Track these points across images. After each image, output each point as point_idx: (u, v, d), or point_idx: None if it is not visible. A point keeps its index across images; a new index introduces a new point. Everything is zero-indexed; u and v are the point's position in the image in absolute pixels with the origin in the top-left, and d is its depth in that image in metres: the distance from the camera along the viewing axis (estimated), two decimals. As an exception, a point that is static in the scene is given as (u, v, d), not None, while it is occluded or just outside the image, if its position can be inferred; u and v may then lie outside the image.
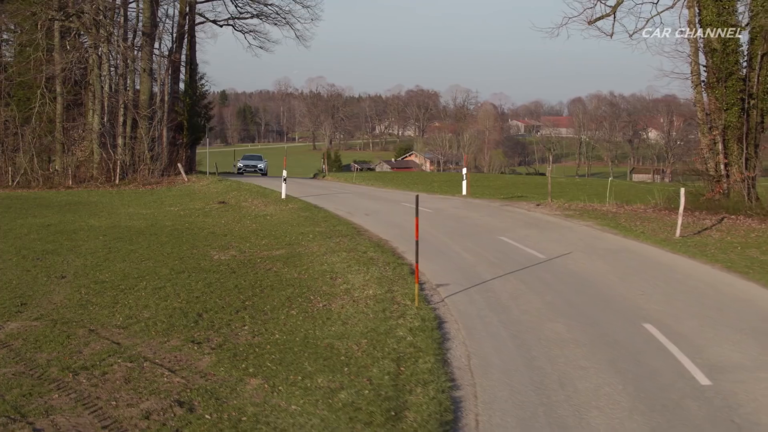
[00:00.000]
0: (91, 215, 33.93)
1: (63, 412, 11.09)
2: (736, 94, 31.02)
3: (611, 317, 16.08)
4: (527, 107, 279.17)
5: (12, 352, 13.96)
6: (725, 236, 25.80)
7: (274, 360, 13.32)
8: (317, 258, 22.63)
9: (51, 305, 17.39)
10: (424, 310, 16.23)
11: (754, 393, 11.80)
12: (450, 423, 10.72)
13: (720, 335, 14.79)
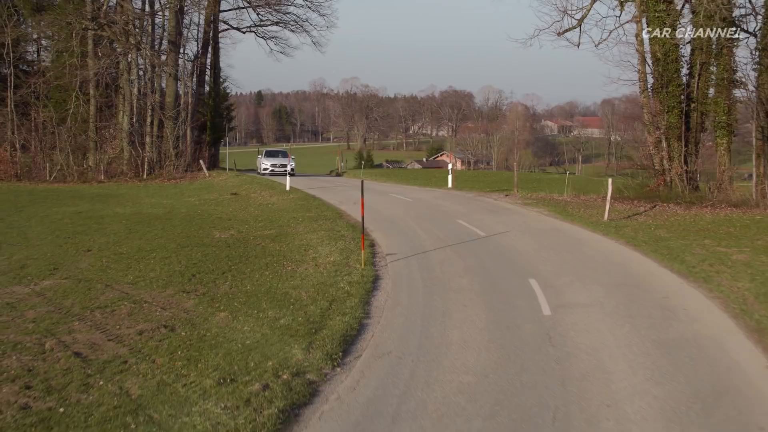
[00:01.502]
0: (118, 204, 38.44)
1: (81, 332, 15.49)
2: (677, 98, 35.14)
3: (508, 275, 20.48)
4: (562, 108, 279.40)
5: (45, 298, 18.38)
6: (647, 220, 29.91)
7: (240, 302, 17.73)
8: (299, 236, 27.08)
9: (77, 269, 21.82)
10: (368, 270, 20.68)
11: (575, 319, 16.18)
12: (352, 336, 15.15)
13: (582, 287, 19.16)
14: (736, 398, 11.94)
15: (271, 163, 58.86)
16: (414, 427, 10.93)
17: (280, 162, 58.75)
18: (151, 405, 11.52)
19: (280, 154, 62.19)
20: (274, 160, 59.36)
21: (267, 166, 58.54)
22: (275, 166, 58.42)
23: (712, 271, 20.32)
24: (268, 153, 62.66)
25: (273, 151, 63.98)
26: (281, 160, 59.29)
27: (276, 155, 61.48)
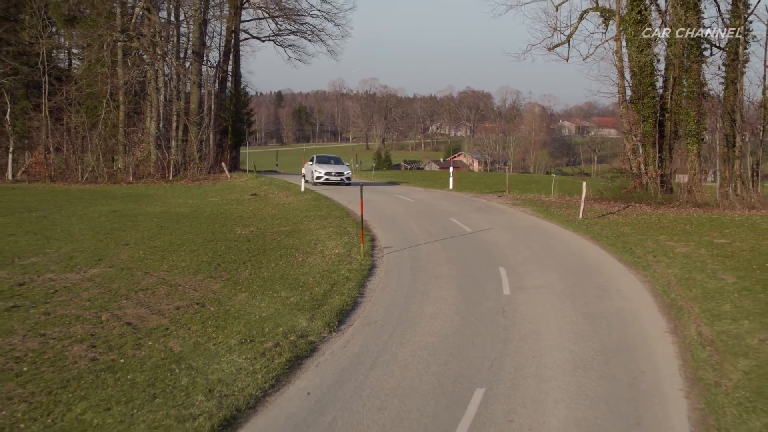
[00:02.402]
0: (148, 204, 42.24)
1: (129, 308, 19.30)
2: (651, 109, 38.81)
3: (483, 264, 24.28)
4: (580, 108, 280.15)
5: (95, 283, 22.18)
6: (618, 218, 33.53)
7: (258, 285, 21.54)
8: (310, 232, 30.89)
9: (119, 260, 25.61)
10: (366, 260, 24.53)
11: (528, 297, 20.00)
12: (347, 310, 19.00)
13: (541, 273, 23.02)
14: (632, 353, 15.68)
15: (326, 171, 50.69)
16: (386, 371, 14.72)
17: (335, 170, 50.98)
18: (189, 357, 15.31)
19: (332, 160, 54.17)
20: (329, 168, 51.20)
21: (321, 174, 50.45)
22: (330, 174, 50.55)
23: (653, 261, 24.05)
24: (320, 159, 53.63)
25: (325, 157, 54.77)
26: (336, 167, 51.69)
27: (329, 161, 53.34)
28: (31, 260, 25.07)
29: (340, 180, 50.29)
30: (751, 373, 13.93)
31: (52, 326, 17.41)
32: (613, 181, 42.32)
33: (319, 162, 52.68)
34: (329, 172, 50.61)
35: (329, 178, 50.39)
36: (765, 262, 22.67)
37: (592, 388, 13.77)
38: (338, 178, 50.48)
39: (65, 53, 71.46)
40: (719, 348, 15.54)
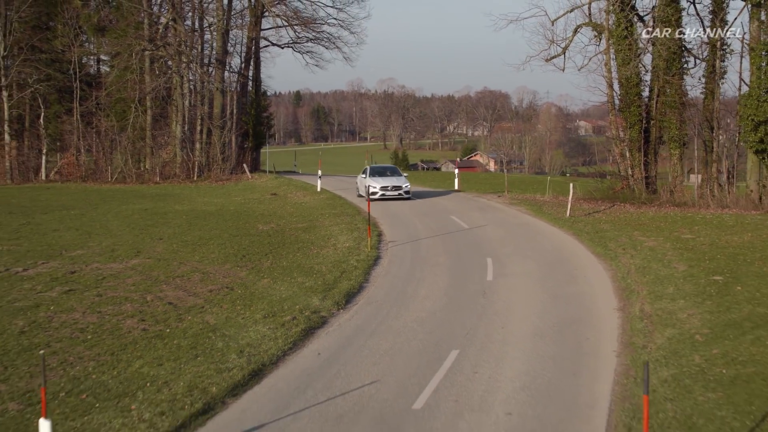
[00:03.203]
0: (176, 203, 45.84)
1: (169, 291, 22.87)
2: (637, 117, 42.21)
3: (474, 255, 27.81)
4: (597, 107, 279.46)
5: (137, 271, 25.74)
6: (601, 216, 36.87)
7: (278, 273, 25.10)
8: (324, 228, 34.44)
9: (155, 252, 29.16)
10: (372, 252, 28.10)
11: (507, 282, 23.54)
12: (354, 293, 22.57)
13: (522, 263, 26.64)
14: (583, 325, 19.18)
15: (382, 185, 44.67)
16: (382, 338, 18.29)
17: (392, 183, 45.02)
18: (223, 328, 18.87)
19: (388, 171, 48.22)
20: (385, 181, 45.24)
21: (376, 189, 44.23)
22: (387, 189, 44.70)
23: (621, 253, 27.47)
24: (375, 171, 47.80)
25: (380, 168, 49.36)
26: (393, 179, 45.61)
27: (384, 173, 47.28)
28: (77, 252, 28.61)
29: (398, 194, 44.35)
30: (672, 339, 17.37)
31: (106, 305, 20.97)
32: (602, 182, 45.75)
33: (374, 174, 46.22)
34: (385, 186, 44.48)
35: (385, 193, 44.27)
36: (717, 254, 26.06)
37: (544, 349, 17.27)
38: (395, 193, 44.47)
39: (94, 60, 75.29)
40: (654, 321, 19.00)
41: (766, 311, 18.53)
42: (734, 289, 20.92)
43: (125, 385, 15.09)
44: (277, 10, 68.22)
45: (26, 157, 65.83)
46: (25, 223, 36.21)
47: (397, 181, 45.38)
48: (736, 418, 12.80)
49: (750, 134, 37.43)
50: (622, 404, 14.09)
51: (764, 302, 19.34)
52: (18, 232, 33.21)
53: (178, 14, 62.61)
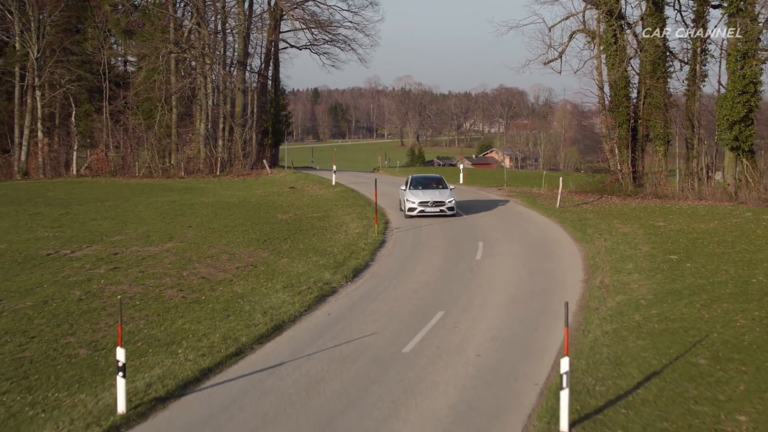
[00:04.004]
0: (201, 195, 49.55)
1: (201, 268, 26.59)
2: (625, 116, 45.77)
3: (467, 239, 31.46)
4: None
5: (171, 253, 29.44)
6: (588, 207, 40.37)
7: (296, 254, 28.79)
8: (337, 217, 38.13)
9: (186, 238, 32.86)
10: (379, 237, 31.78)
11: (492, 261, 27.24)
12: (360, 269, 26.31)
13: (508, 245, 30.34)
14: (551, 293, 22.81)
15: (421, 200, 37.89)
16: (382, 303, 21.97)
17: (433, 198, 38.04)
18: (249, 296, 22.55)
19: (433, 182, 40.49)
20: (425, 195, 38.41)
21: (414, 204, 37.79)
22: (426, 204, 37.82)
23: (597, 237, 31.07)
24: (417, 181, 40.49)
25: (423, 179, 41.03)
26: (436, 193, 38.58)
27: (427, 185, 40.03)
28: (116, 238, 32.34)
29: (440, 211, 37.45)
30: (621, 303, 20.98)
31: (148, 279, 24.70)
32: (593, 176, 49.31)
33: (415, 185, 39.54)
34: (425, 202, 37.66)
35: (425, 210, 37.55)
36: (681, 238, 29.60)
37: (514, 311, 20.92)
38: (437, 209, 37.48)
39: (122, 62, 79.28)
40: (609, 290, 22.62)
41: (704, 282, 22.09)
42: (684, 265, 24.52)
43: (171, 336, 18.78)
44: (295, 14, 71.81)
45: (57, 153, 69.82)
46: (64, 213, 39.85)
47: (440, 195, 38.08)
48: (655, 358, 16.34)
49: (726, 132, 40.93)
50: (570, 348, 17.72)
51: (705, 275, 22.94)
52: (59, 221, 36.85)
53: (202, 18, 66.40)
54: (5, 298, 22.07)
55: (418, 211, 37.70)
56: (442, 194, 38.32)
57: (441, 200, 37.84)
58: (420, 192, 38.68)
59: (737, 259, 25.21)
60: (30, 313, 20.59)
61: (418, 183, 40.04)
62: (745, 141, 40.74)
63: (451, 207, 37.88)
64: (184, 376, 16.14)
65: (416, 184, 39.86)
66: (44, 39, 67.14)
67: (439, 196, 38.15)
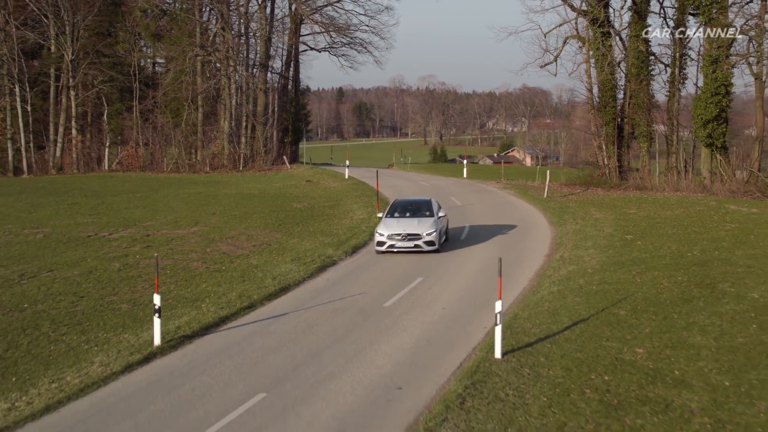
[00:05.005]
0: (224, 188, 53.74)
1: (222, 246, 30.75)
2: (612, 115, 49.70)
3: (456, 223, 35.62)
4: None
5: (197, 235, 33.62)
6: (573, 197, 44.26)
7: (306, 235, 32.96)
8: (346, 205, 42.29)
9: (210, 223, 37.02)
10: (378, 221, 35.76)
11: (476, 239, 31.04)
12: (359, 247, 30.61)
13: (489, 223, 34.09)
14: (518, 265, 26.86)
15: (391, 233, 30.00)
16: (372, 272, 26.12)
17: (407, 230, 29.95)
18: (262, 266, 26.72)
19: (418, 208, 32.13)
20: (399, 226, 30.42)
21: (383, 238, 29.96)
22: (397, 238, 29.84)
23: (570, 221, 35.07)
24: (397, 207, 32.70)
25: (405, 204, 32.99)
26: (413, 224, 30.45)
27: (409, 211, 32.01)
28: (147, 223, 36.51)
29: (414, 246, 29.56)
30: (571, 271, 25.01)
31: (176, 254, 28.90)
32: (583, 171, 53.29)
33: (393, 213, 32.12)
34: (395, 235, 29.81)
35: (395, 245, 29.71)
36: (643, 223, 33.57)
37: (482, 278, 25.01)
38: (410, 244, 29.60)
39: (151, 63, 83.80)
40: (565, 261, 26.66)
41: (647, 256, 26.11)
42: (635, 243, 28.56)
43: (196, 295, 22.99)
44: (314, 18, 76.01)
45: (90, 150, 74.21)
46: (99, 203, 44.04)
47: (418, 226, 30.07)
48: (585, 310, 20.35)
49: (700, 130, 44.72)
50: (517, 302, 21.83)
51: (649, 251, 26.97)
52: (96, 210, 41.05)
53: (226, 23, 70.74)
54: (56, 269, 26.25)
55: (386, 246, 29.61)
56: (422, 225, 30.03)
57: (416, 233, 29.55)
58: (394, 222, 30.64)
59: (684, 238, 29.20)
60: (78, 280, 24.80)
61: (398, 209, 32.18)
62: (718, 138, 44.52)
63: (430, 241, 29.47)
64: (206, 322, 20.36)
65: (396, 210, 32.14)
66: (78, 42, 71.18)
67: (416, 227, 29.90)
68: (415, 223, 30.45)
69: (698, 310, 19.63)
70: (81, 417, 14.54)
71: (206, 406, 14.85)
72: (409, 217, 31.33)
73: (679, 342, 17.36)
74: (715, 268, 23.77)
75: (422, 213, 31.40)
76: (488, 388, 15.25)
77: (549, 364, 16.45)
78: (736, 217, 34.15)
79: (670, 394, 14.48)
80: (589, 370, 15.88)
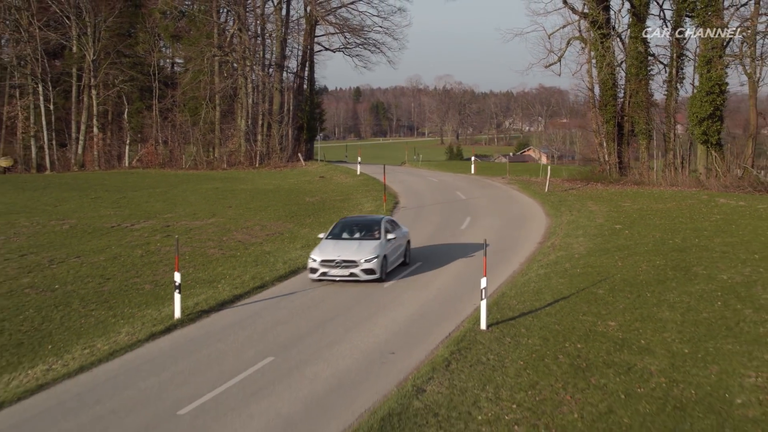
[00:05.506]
0: (240, 183, 55.81)
1: (238, 235, 32.84)
2: (612, 114, 51.55)
3: (460, 214, 37.58)
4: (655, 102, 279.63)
5: (214, 225, 35.66)
6: (573, 192, 46.14)
7: (316, 225, 34.97)
8: (356, 199, 44.32)
9: (226, 215, 39.08)
10: (386, 213, 37.86)
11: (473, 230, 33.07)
12: None
13: (492, 219, 36.37)
14: (511, 250, 28.82)
15: (324, 258, 24.89)
16: (377, 257, 28.12)
17: (343, 256, 24.87)
18: (274, 252, 28.80)
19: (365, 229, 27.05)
20: (336, 250, 25.32)
21: (315, 264, 24.88)
22: (330, 264, 24.77)
23: (566, 213, 37.00)
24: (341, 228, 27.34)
25: (351, 224, 27.62)
26: (352, 247, 25.42)
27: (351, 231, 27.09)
28: (167, 215, 38.59)
29: (350, 275, 24.64)
30: (559, 256, 26.97)
31: (195, 242, 31.00)
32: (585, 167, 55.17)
33: (335, 234, 26.90)
34: (328, 261, 24.77)
35: (327, 272, 24.75)
36: (634, 214, 35.50)
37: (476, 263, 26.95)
38: (345, 272, 24.68)
39: (170, 63, 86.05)
40: (555, 248, 28.63)
41: (631, 243, 28.08)
42: (623, 232, 30.51)
43: (213, 277, 25.09)
44: (329, 19, 77.97)
45: (110, 147, 76.43)
46: (121, 197, 46.16)
47: (357, 250, 25.04)
48: (567, 290, 22.32)
49: (696, 128, 46.60)
50: (507, 283, 23.83)
51: (634, 239, 28.94)
52: (118, 203, 43.18)
53: (243, 24, 72.88)
54: (83, 255, 28.38)
55: (319, 274, 24.68)
56: (361, 250, 25.04)
57: (354, 259, 24.62)
58: (331, 245, 25.60)
59: (668, 228, 31.14)
60: (104, 264, 26.94)
61: (342, 229, 27.13)
62: (712, 135, 46.39)
63: (369, 269, 24.50)
64: (222, 299, 22.47)
65: (339, 230, 27.07)
66: (99, 43, 73.34)
67: (354, 252, 24.95)
68: (354, 246, 25.20)
69: (670, 289, 21.55)
70: (111, 375, 16.60)
71: (221, 366, 16.90)
72: (350, 239, 26.15)
73: (648, 316, 19.27)
74: (692, 254, 25.69)
75: (369, 234, 26.29)
76: (472, 353, 17.21)
77: (528, 334, 18.40)
78: (723, 209, 36.00)
79: (634, 359, 16.37)
80: (564, 340, 17.81)
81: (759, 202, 38.04)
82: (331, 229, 27.09)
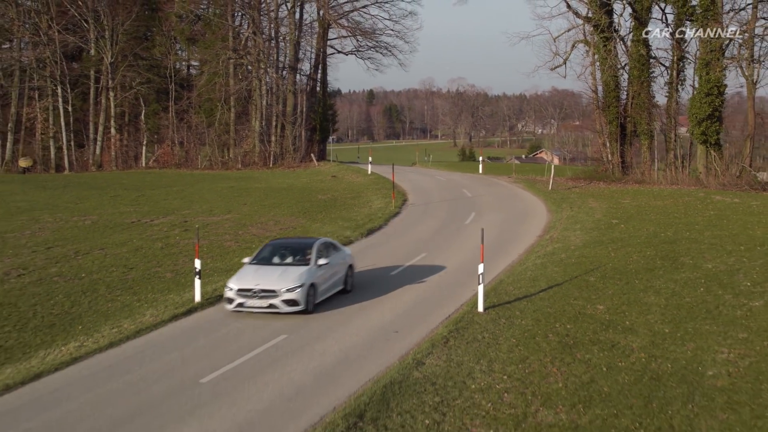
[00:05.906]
0: (255, 183, 57.39)
1: (253, 230, 34.48)
2: (615, 115, 53.02)
3: (465, 210, 39.17)
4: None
5: (230, 221, 37.25)
6: (576, 190, 47.62)
7: (327, 220, 36.60)
8: (366, 196, 45.91)
9: (241, 211, 40.64)
10: (395, 210, 39.55)
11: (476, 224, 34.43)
12: (374, 230, 34.18)
13: (495, 215, 37.83)
14: (512, 243, 30.36)
15: (241, 287, 21.44)
16: (384, 249, 29.73)
17: (262, 284, 21.31)
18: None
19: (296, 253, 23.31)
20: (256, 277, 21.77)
21: (231, 294, 21.42)
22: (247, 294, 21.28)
23: (567, 209, 38.51)
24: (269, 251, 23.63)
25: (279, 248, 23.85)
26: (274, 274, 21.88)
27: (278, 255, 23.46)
28: (185, 212, 40.22)
29: (269, 306, 21.09)
30: (556, 248, 28.52)
31: (212, 236, 32.63)
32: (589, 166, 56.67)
33: (259, 258, 23.36)
34: (245, 290, 21.34)
35: (244, 303, 21.31)
36: (631, 210, 37.02)
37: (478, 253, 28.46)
38: (263, 303, 21.18)
39: (186, 66, 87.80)
40: (553, 240, 30.18)
41: (625, 236, 29.63)
42: (619, 227, 32.04)
43: (229, 267, 26.71)
44: (341, 23, 79.61)
45: (128, 148, 78.14)
46: (139, 195, 47.77)
47: (279, 278, 21.57)
48: (561, 277, 23.87)
49: (695, 128, 48.07)
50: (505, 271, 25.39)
51: (629, 232, 30.48)
52: (137, 201, 44.79)
53: (258, 27, 74.58)
54: (106, 248, 30.03)
55: (235, 305, 21.35)
56: (284, 277, 21.59)
57: (273, 288, 21.19)
58: (252, 271, 22.27)
59: (662, 222, 32.67)
60: (126, 255, 28.59)
61: (270, 254, 23.50)
62: (711, 135, 47.87)
63: (291, 300, 21.08)
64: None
65: (265, 254, 23.53)
66: (117, 45, 74.99)
67: (276, 280, 21.51)
68: (276, 274, 21.86)
69: (657, 277, 23.10)
70: (138, 350, 18.25)
71: (239, 342, 18.54)
72: (277, 264, 22.83)
73: (635, 301, 20.81)
74: (681, 246, 27.23)
75: (300, 259, 22.82)
76: (469, 332, 18.79)
77: (522, 316, 19.97)
78: (718, 206, 37.49)
79: (617, 338, 17.91)
80: (555, 321, 19.37)
81: (753, 199, 39.53)
82: (257, 253, 23.74)
